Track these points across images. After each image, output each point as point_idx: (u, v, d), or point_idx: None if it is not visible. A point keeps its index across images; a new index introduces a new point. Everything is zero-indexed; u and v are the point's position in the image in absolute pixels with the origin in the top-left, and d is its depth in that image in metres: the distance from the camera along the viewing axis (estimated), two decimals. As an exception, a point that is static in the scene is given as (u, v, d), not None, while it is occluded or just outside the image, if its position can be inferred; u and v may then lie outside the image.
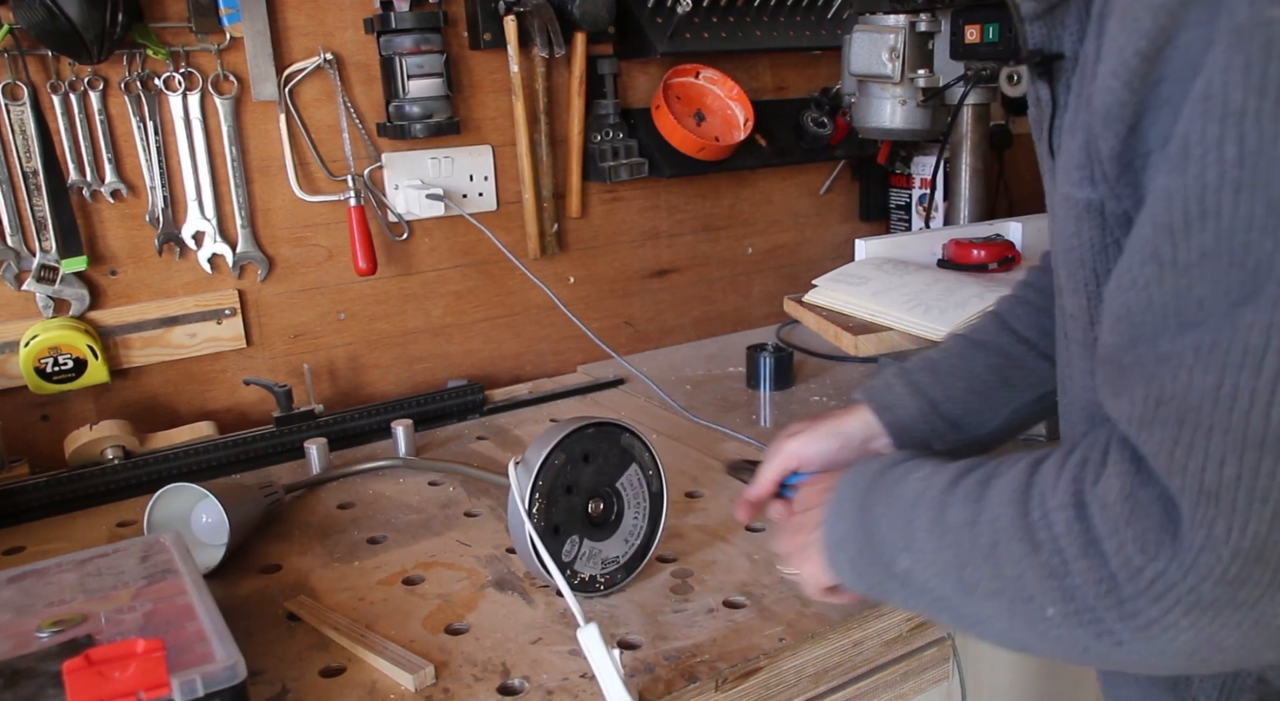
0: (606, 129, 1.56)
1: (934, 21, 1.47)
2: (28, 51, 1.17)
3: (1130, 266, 0.51)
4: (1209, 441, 0.48)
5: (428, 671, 0.81)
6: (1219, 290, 0.47)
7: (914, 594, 0.66)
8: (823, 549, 0.73)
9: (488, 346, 1.58)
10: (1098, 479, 0.54)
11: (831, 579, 0.74)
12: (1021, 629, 0.59)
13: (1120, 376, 0.52)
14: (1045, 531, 0.56)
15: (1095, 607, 0.53)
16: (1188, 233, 0.47)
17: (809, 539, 0.75)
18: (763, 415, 1.40)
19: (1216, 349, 0.47)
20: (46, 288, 1.23)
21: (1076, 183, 0.60)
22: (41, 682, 0.68)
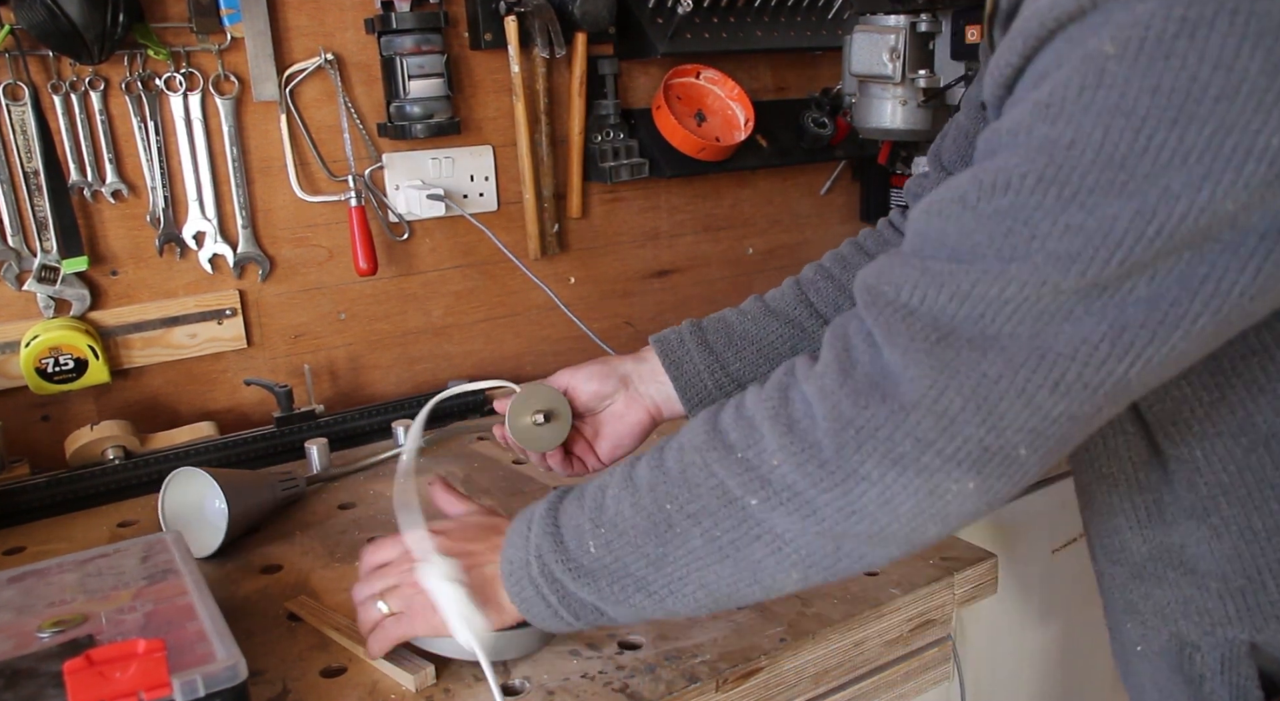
0: (607, 129, 1.56)
1: (934, 22, 1.47)
2: (29, 52, 1.17)
3: (940, 198, 0.58)
4: (951, 331, 0.55)
5: (428, 671, 0.81)
6: (994, 242, 0.54)
7: (604, 586, 0.67)
8: (504, 580, 0.73)
9: (488, 347, 1.58)
10: (811, 365, 0.61)
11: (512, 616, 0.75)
12: (725, 549, 0.63)
13: (895, 275, 0.58)
14: (741, 430, 0.62)
15: (795, 481, 0.59)
16: (992, 193, 0.54)
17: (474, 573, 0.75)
18: (763, 415, 1.40)
19: (980, 284, 0.54)
20: (47, 288, 1.23)
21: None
22: (42, 683, 0.68)
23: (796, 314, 0.96)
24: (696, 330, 0.97)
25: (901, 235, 0.96)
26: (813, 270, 1.00)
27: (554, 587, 0.70)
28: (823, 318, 0.96)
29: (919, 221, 0.59)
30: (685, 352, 0.96)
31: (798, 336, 0.96)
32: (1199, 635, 0.70)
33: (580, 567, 0.68)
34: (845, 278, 0.97)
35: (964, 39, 1.43)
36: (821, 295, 0.97)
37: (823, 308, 0.97)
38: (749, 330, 0.96)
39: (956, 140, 0.95)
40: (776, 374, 0.64)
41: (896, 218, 1.02)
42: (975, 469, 0.55)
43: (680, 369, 0.95)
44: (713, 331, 0.97)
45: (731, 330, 0.97)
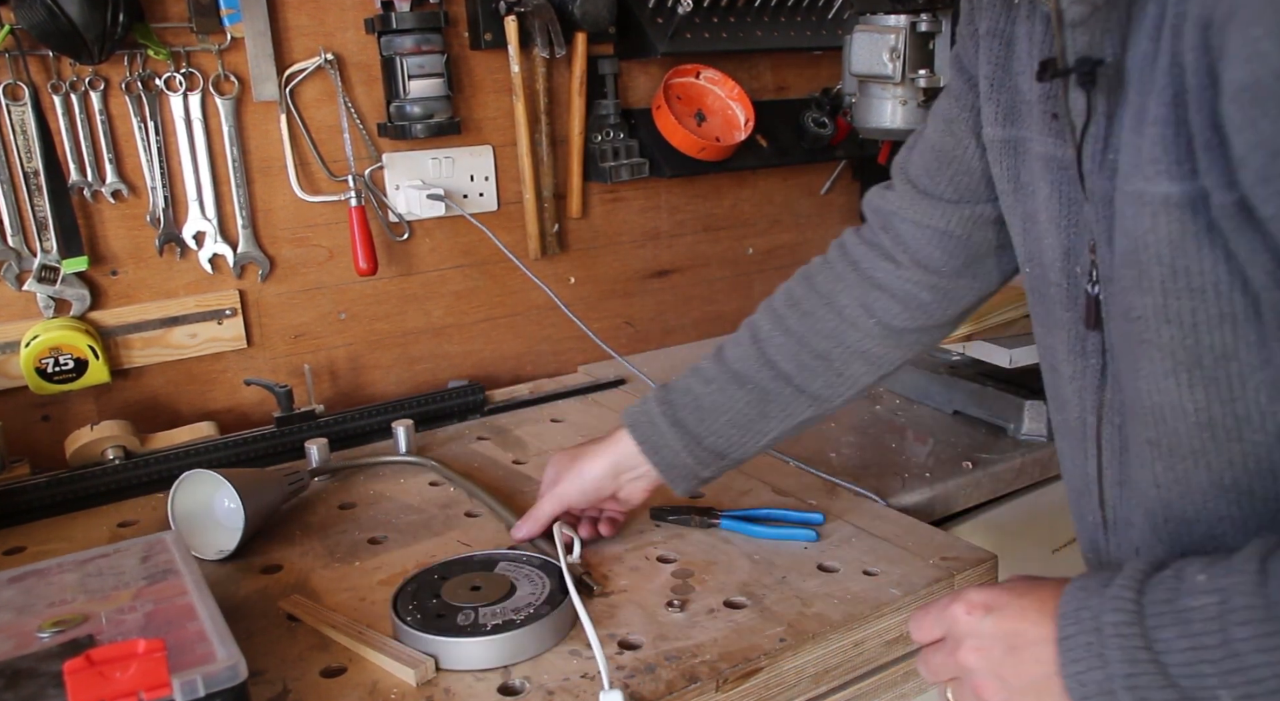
0: (607, 129, 1.56)
1: (935, 22, 1.47)
2: (29, 52, 1.17)
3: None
4: None
5: (428, 665, 0.81)
6: None
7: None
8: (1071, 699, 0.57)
9: (488, 346, 1.58)
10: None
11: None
12: None
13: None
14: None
15: None
16: None
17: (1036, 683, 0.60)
18: (763, 415, 1.40)
19: None
20: (47, 288, 1.23)
21: (1152, 177, 0.59)
22: (42, 683, 0.68)
23: (759, 377, 0.95)
24: (667, 408, 0.96)
25: (855, 268, 0.93)
26: (769, 321, 0.97)
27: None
28: (783, 376, 0.94)
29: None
30: (660, 436, 0.96)
31: (764, 402, 0.95)
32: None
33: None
34: (801, 328, 0.94)
35: (964, 39, 1.43)
36: (781, 351, 0.95)
37: (784, 364, 0.94)
38: (716, 402, 0.95)
39: (924, 156, 0.89)
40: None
41: (851, 240, 0.96)
42: None
43: (659, 454, 0.96)
44: (682, 407, 0.96)
45: (700, 403, 0.96)
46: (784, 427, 0.96)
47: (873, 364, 0.94)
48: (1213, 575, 0.54)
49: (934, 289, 0.90)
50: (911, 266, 0.90)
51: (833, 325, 0.93)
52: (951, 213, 0.87)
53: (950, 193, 0.87)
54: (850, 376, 0.94)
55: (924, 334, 0.94)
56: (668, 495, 1.01)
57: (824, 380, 0.94)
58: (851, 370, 0.94)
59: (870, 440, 1.29)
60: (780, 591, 0.93)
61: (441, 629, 0.84)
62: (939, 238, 0.88)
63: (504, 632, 0.83)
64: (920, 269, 0.90)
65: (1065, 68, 0.65)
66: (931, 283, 0.90)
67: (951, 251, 0.88)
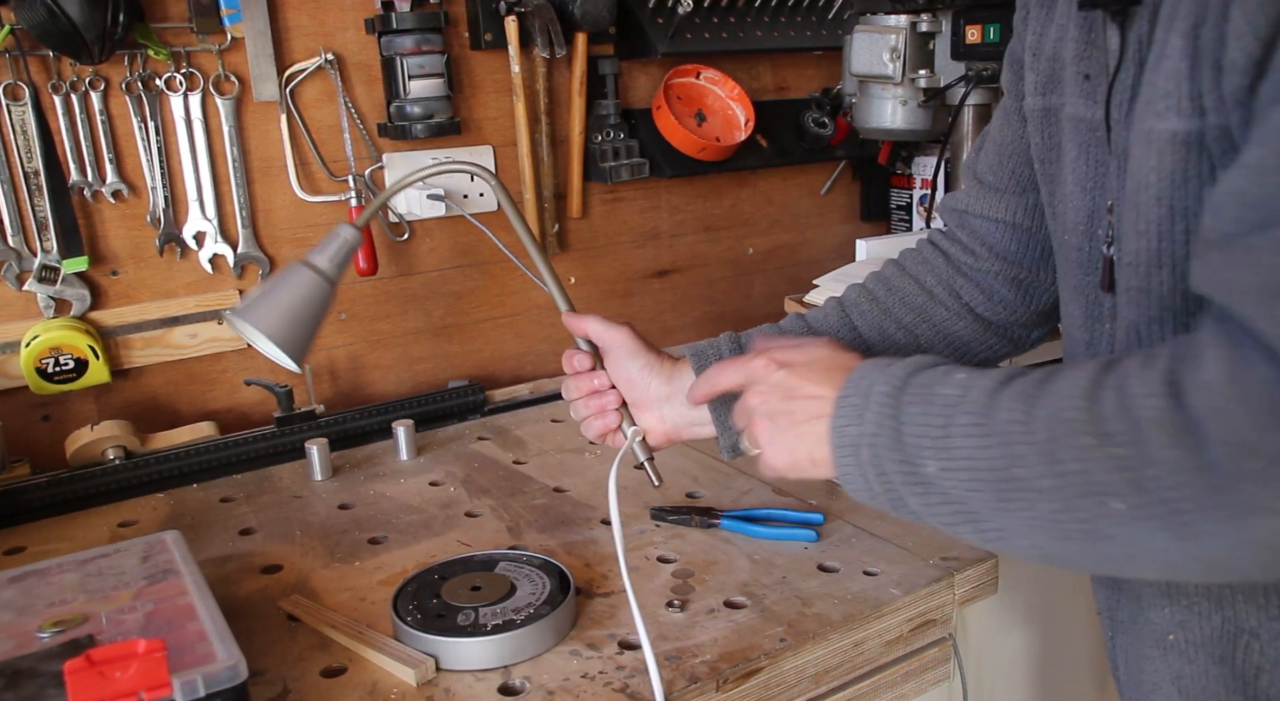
0: (607, 129, 1.56)
1: (935, 22, 1.47)
2: (29, 52, 1.17)
3: (1269, 155, 0.51)
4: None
5: (428, 665, 0.81)
6: None
7: (933, 503, 0.62)
8: (830, 446, 0.66)
9: (488, 346, 1.58)
10: (1198, 367, 0.53)
11: (827, 475, 0.68)
12: (1069, 531, 0.56)
13: (1241, 253, 0.51)
14: (1122, 422, 0.54)
15: (1175, 499, 0.52)
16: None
17: (800, 426, 0.69)
18: (763, 415, 1.40)
19: None
20: (48, 288, 1.23)
21: (1162, 113, 0.59)
22: (43, 682, 0.69)
23: (840, 336, 0.91)
24: (735, 348, 0.91)
25: (944, 255, 0.93)
26: (855, 291, 0.94)
27: (882, 480, 0.64)
28: (865, 342, 0.91)
29: (1243, 190, 0.52)
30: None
31: None
32: (1260, 621, 0.65)
33: (915, 475, 0.62)
34: (889, 300, 0.92)
35: (964, 39, 1.43)
36: (865, 317, 0.92)
37: (866, 331, 0.92)
38: None
39: (989, 153, 0.89)
40: (1163, 360, 0.55)
41: (939, 238, 0.95)
42: None
43: (719, 398, 0.87)
44: (749, 350, 0.88)
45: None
46: None
47: (957, 349, 0.93)
48: (969, 375, 0.63)
49: (1014, 282, 0.90)
50: (989, 258, 0.90)
51: (921, 301, 0.92)
52: (1016, 203, 0.87)
53: (1013, 184, 0.87)
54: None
55: (1011, 330, 0.93)
56: (666, 495, 1.01)
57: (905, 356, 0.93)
58: (935, 350, 0.92)
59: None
60: (780, 591, 0.93)
61: (441, 629, 0.84)
62: (1010, 229, 0.89)
63: (504, 632, 0.83)
64: (999, 260, 0.90)
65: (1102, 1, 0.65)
66: (1011, 275, 0.90)
67: (1024, 243, 0.88)
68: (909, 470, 0.62)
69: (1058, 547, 0.58)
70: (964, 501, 0.60)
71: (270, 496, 1.19)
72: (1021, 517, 0.58)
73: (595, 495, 1.15)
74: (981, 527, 0.60)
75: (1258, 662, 0.65)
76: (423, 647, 0.83)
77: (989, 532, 0.60)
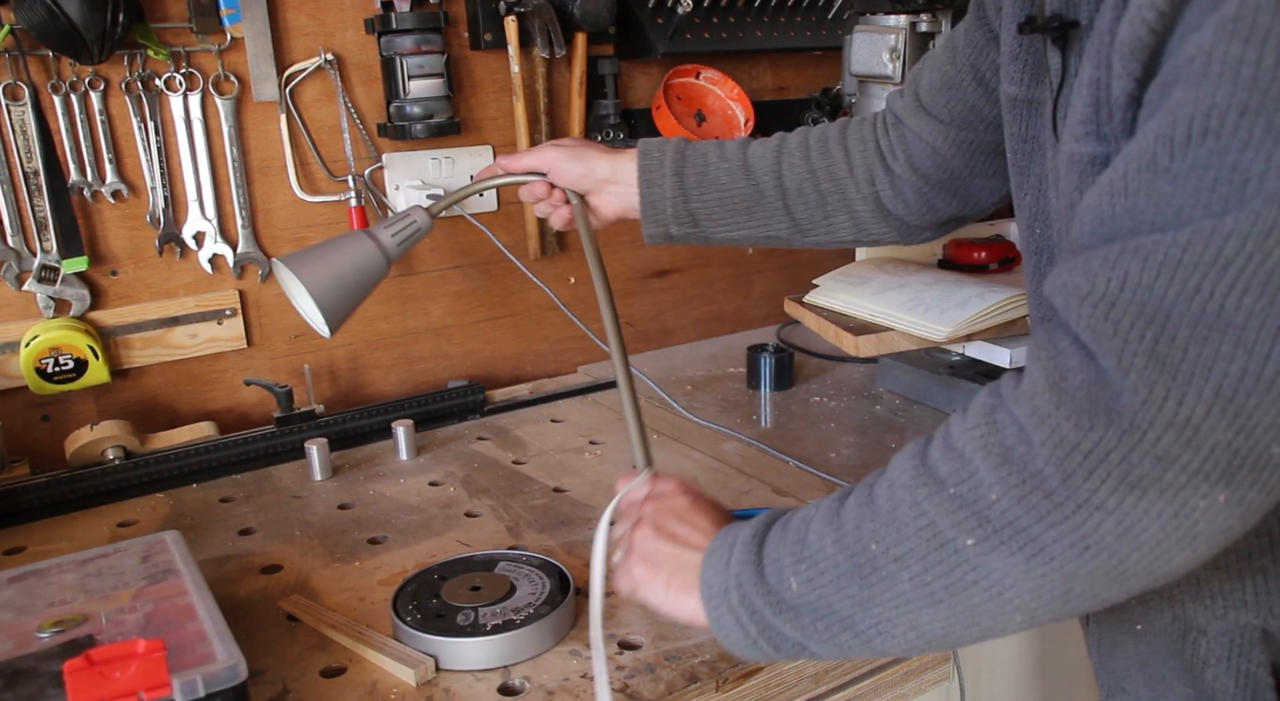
0: (607, 129, 1.56)
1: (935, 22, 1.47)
2: (29, 52, 1.17)
3: (1121, 173, 0.52)
4: (1166, 320, 0.49)
5: (428, 665, 0.81)
6: (1200, 202, 0.48)
7: (807, 623, 0.62)
8: (702, 602, 0.68)
9: (488, 347, 1.58)
10: (1018, 384, 0.56)
11: (696, 623, 0.69)
12: (936, 592, 0.57)
13: (1083, 263, 0.53)
14: (951, 463, 0.57)
15: (1017, 516, 0.53)
16: (1187, 145, 0.49)
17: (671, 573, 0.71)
18: (763, 416, 1.40)
19: (1191, 247, 0.48)
20: (47, 288, 1.23)
21: (1080, 137, 0.61)
22: (42, 683, 0.68)
23: (764, 181, 1.01)
24: (678, 158, 1.02)
25: (877, 140, 1.01)
26: (797, 141, 1.03)
27: (754, 619, 0.64)
28: (784, 191, 1.02)
29: (1097, 206, 0.53)
30: (660, 173, 1.01)
31: (756, 201, 1.02)
32: (1207, 619, 0.67)
33: (781, 602, 0.63)
34: (819, 164, 1.01)
35: (964, 39, 1.43)
36: (793, 170, 1.01)
37: (789, 183, 1.01)
38: (719, 177, 1.02)
39: (931, 75, 0.95)
40: (980, 397, 0.58)
41: (883, 122, 1.02)
42: (1224, 479, 0.50)
43: (650, 189, 1.02)
44: (691, 164, 1.02)
45: (706, 171, 1.02)
46: (756, 233, 1.04)
47: (854, 224, 1.03)
48: (822, 499, 0.66)
49: (918, 192, 0.99)
50: (907, 166, 0.98)
51: (842, 174, 1.01)
52: (941, 132, 0.95)
53: (945, 114, 0.94)
54: (833, 223, 1.03)
55: (904, 227, 1.03)
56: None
57: (811, 214, 1.03)
58: (836, 219, 1.03)
59: (870, 440, 1.29)
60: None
61: (441, 629, 0.84)
62: (930, 151, 0.96)
63: (504, 632, 0.83)
64: (913, 171, 0.98)
65: (1041, 24, 0.67)
66: (917, 186, 0.98)
67: (939, 166, 0.97)
68: (775, 599, 0.63)
69: (931, 615, 0.58)
70: (834, 608, 0.61)
71: (270, 496, 1.19)
72: (889, 599, 0.59)
73: (595, 495, 1.15)
74: (857, 631, 0.61)
75: (1204, 657, 0.68)
76: (422, 647, 0.83)
77: (866, 633, 0.61)
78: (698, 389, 1.51)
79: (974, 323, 1.21)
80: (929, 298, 1.26)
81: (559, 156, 1.03)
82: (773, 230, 1.04)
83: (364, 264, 0.93)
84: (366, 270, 0.93)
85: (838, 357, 1.57)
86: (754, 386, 1.50)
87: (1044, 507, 0.52)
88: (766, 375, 1.49)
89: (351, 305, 0.93)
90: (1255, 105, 0.46)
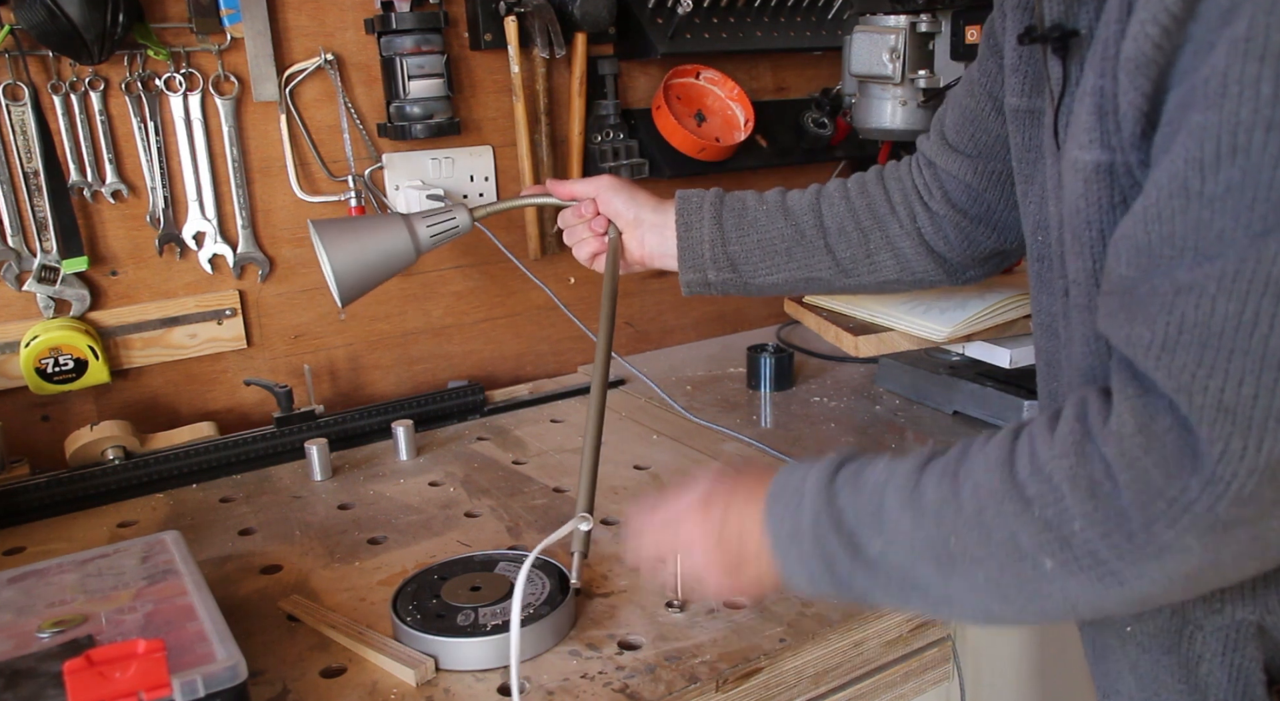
0: (607, 129, 1.56)
1: (934, 22, 1.47)
2: (29, 52, 1.17)
3: (1154, 200, 0.52)
4: (1229, 363, 0.49)
5: (428, 665, 0.81)
6: (1240, 223, 0.48)
7: (882, 580, 0.65)
8: (770, 547, 0.70)
9: (488, 347, 1.58)
10: (1105, 420, 0.56)
11: (778, 579, 0.72)
12: (1009, 593, 0.60)
13: (1136, 306, 0.54)
14: (1039, 485, 0.58)
15: (1098, 549, 0.55)
16: (1217, 166, 0.49)
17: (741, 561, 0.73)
18: (763, 416, 1.40)
19: (1240, 277, 0.48)
20: (47, 288, 1.23)
21: (1085, 145, 0.61)
22: (42, 683, 0.68)
23: (804, 221, 1.02)
24: (717, 203, 1.04)
25: (914, 180, 1.01)
26: (837, 185, 1.04)
27: (826, 565, 0.67)
28: (825, 230, 1.03)
29: (1133, 235, 0.54)
30: (699, 217, 1.03)
31: (797, 243, 1.03)
32: (1204, 614, 0.68)
33: (862, 556, 0.65)
34: (859, 202, 1.02)
35: (964, 39, 1.43)
36: (833, 210, 1.03)
37: (829, 222, 1.02)
38: (759, 219, 1.03)
39: (955, 112, 0.97)
40: (1068, 420, 0.58)
41: (917, 163, 1.03)
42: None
43: (688, 232, 1.03)
44: (729, 208, 1.04)
45: (744, 214, 1.03)
46: (798, 275, 1.05)
47: (899, 263, 1.03)
48: (890, 462, 0.67)
49: (958, 227, 1.00)
50: (944, 203, 1.00)
51: (884, 212, 1.03)
52: (970, 166, 0.96)
53: (971, 148, 0.96)
54: (876, 262, 1.04)
55: (948, 266, 1.04)
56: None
57: (854, 253, 1.03)
58: (880, 257, 1.03)
59: (870, 440, 1.29)
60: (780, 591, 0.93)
61: (441, 629, 0.84)
62: (963, 187, 0.98)
63: (504, 632, 0.83)
64: (950, 208, 0.99)
65: (1041, 34, 0.68)
66: (956, 221, 1.00)
67: (974, 200, 0.98)
68: (853, 552, 0.65)
69: (1002, 608, 0.61)
70: (908, 576, 0.64)
71: (270, 496, 1.19)
72: (963, 585, 0.62)
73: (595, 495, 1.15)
74: (928, 597, 0.64)
75: (1199, 652, 0.69)
76: (422, 648, 0.83)
77: (936, 601, 0.64)
78: (698, 389, 1.51)
79: (974, 323, 1.21)
80: (929, 297, 1.26)
81: (609, 186, 1.06)
82: (814, 272, 1.04)
83: (392, 248, 0.95)
84: (392, 254, 0.95)
85: (838, 358, 1.57)
86: (754, 386, 1.50)
87: (1126, 547, 0.54)
88: (766, 375, 1.49)
89: (369, 284, 0.95)
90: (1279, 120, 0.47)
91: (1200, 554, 0.53)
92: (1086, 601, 0.58)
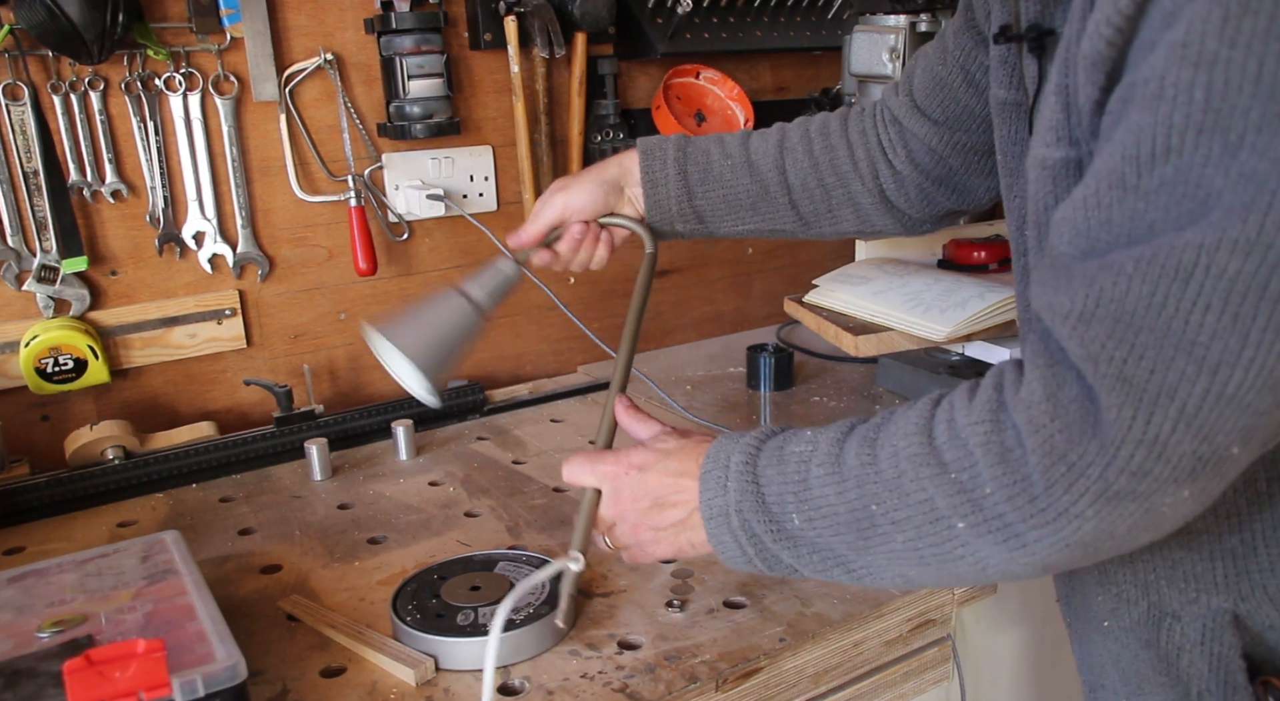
0: (607, 129, 1.56)
1: (934, 21, 1.47)
2: (28, 52, 1.17)
3: (1095, 189, 0.55)
4: (1136, 337, 0.52)
5: (428, 665, 0.81)
6: (1170, 215, 0.51)
7: (803, 554, 0.67)
8: (702, 523, 0.72)
9: (488, 346, 1.58)
10: (1018, 388, 0.59)
11: (705, 552, 0.74)
12: (925, 556, 0.62)
13: (1066, 278, 0.56)
14: (956, 450, 0.60)
15: (1004, 512, 0.58)
16: (1152, 164, 0.52)
17: (675, 526, 0.75)
18: (763, 415, 1.40)
19: (1155, 261, 0.51)
20: (47, 288, 1.23)
21: (1052, 143, 0.63)
22: (42, 683, 0.68)
23: (768, 177, 1.02)
24: (680, 156, 1.02)
25: (878, 134, 1.01)
26: (799, 136, 1.03)
27: (753, 542, 0.69)
28: (789, 187, 1.02)
29: (1073, 219, 0.56)
30: (664, 172, 1.02)
31: (760, 198, 1.03)
32: (1181, 604, 0.70)
33: (782, 531, 0.68)
34: (823, 158, 1.02)
35: (964, 39, 1.43)
36: (796, 166, 1.02)
37: (793, 178, 1.02)
38: (723, 174, 1.02)
39: (924, 75, 0.96)
40: (986, 389, 0.61)
41: (883, 116, 1.02)
42: (1190, 480, 0.54)
43: (654, 188, 1.02)
44: (693, 162, 1.02)
45: (709, 168, 1.02)
46: (762, 227, 1.05)
47: (859, 217, 1.04)
48: (815, 432, 0.69)
49: (919, 187, 1.00)
50: (907, 161, 1.00)
51: (846, 168, 1.02)
52: (936, 133, 0.96)
53: (939, 115, 0.96)
54: (837, 216, 1.04)
55: (906, 219, 1.04)
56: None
57: (815, 208, 1.04)
58: (840, 212, 1.04)
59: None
60: (780, 591, 0.93)
61: (441, 629, 0.84)
62: (927, 149, 0.98)
63: (504, 632, 0.83)
64: (912, 167, 1.00)
65: (1016, 33, 0.69)
66: (918, 182, 1.00)
67: (936, 162, 0.98)
68: (776, 528, 0.68)
69: (919, 573, 0.64)
70: (830, 547, 0.66)
71: (270, 496, 1.19)
72: (883, 552, 0.64)
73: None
74: (850, 568, 0.67)
75: (1179, 643, 0.70)
76: (422, 647, 0.83)
77: (858, 571, 0.67)
78: (698, 389, 1.51)
79: (974, 322, 1.21)
80: (929, 297, 1.26)
81: (563, 198, 1.02)
82: (778, 224, 1.05)
83: (458, 321, 0.93)
84: (461, 327, 0.94)
85: (838, 358, 1.57)
86: (754, 386, 1.50)
87: (1028, 510, 0.57)
88: (766, 375, 1.49)
89: (452, 361, 0.93)
90: (1210, 124, 0.49)
91: (1095, 522, 0.55)
92: (995, 564, 0.60)
